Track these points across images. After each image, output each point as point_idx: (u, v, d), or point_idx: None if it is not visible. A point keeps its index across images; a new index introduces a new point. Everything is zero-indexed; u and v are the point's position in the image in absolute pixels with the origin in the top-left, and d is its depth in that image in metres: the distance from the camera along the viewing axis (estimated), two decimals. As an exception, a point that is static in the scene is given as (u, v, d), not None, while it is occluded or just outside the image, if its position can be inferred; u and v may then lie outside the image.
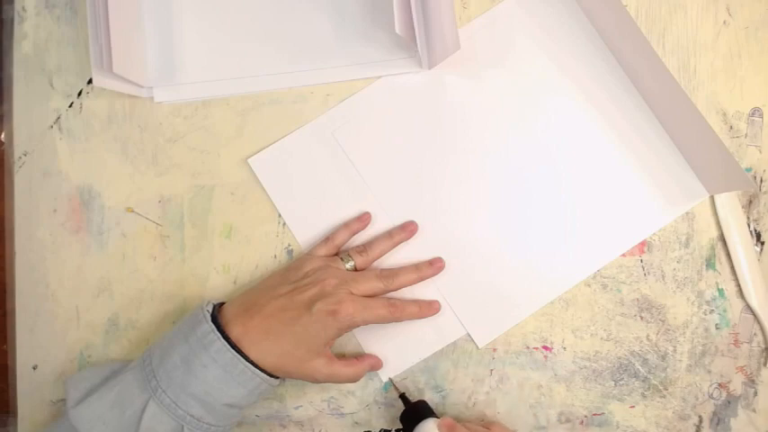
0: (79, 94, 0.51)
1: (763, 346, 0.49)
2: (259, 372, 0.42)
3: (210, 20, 0.51)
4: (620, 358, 0.49)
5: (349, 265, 0.47)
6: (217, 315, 0.44)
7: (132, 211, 0.50)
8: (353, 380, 0.46)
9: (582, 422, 0.49)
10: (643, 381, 0.49)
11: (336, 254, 0.48)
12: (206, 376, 0.41)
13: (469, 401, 0.49)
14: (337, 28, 0.50)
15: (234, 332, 0.42)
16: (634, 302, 0.49)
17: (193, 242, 0.50)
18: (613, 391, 0.49)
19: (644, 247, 0.49)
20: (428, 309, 0.47)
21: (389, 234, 0.48)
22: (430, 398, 0.49)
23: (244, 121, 0.50)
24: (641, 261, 0.49)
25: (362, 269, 0.48)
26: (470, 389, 0.49)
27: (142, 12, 0.51)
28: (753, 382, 0.49)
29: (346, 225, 0.48)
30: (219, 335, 0.42)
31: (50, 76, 0.51)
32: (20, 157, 0.51)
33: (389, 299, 0.47)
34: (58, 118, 0.51)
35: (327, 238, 0.48)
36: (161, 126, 0.51)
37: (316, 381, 0.45)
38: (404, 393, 0.48)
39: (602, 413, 0.49)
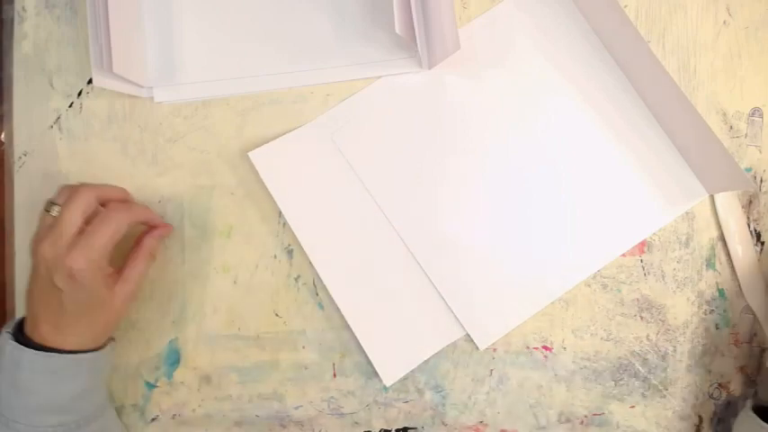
0: (79, 94, 0.51)
1: (764, 346, 0.49)
2: (79, 355, 0.42)
3: (210, 20, 0.51)
4: (620, 358, 0.49)
5: (54, 212, 0.42)
6: (20, 332, 0.43)
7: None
8: (150, 266, 0.46)
9: (582, 422, 0.49)
10: (643, 381, 0.49)
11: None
12: (37, 388, 0.41)
13: (469, 401, 0.49)
14: (337, 28, 0.50)
15: (40, 336, 0.42)
16: (634, 302, 0.49)
17: (193, 242, 0.50)
18: (613, 391, 0.49)
19: (644, 247, 0.49)
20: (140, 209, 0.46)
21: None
22: (430, 398, 0.49)
23: (244, 121, 0.50)
24: (641, 261, 0.49)
25: None
26: (470, 389, 0.49)
27: (142, 12, 0.51)
28: (753, 382, 0.49)
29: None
30: (22, 346, 0.41)
31: (50, 76, 0.51)
32: (20, 157, 0.51)
33: (103, 212, 0.43)
34: (58, 118, 0.51)
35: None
36: (161, 126, 0.51)
37: (129, 304, 0.44)
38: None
39: (602, 413, 0.49)
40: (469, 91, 0.49)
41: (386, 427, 0.50)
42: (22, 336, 0.42)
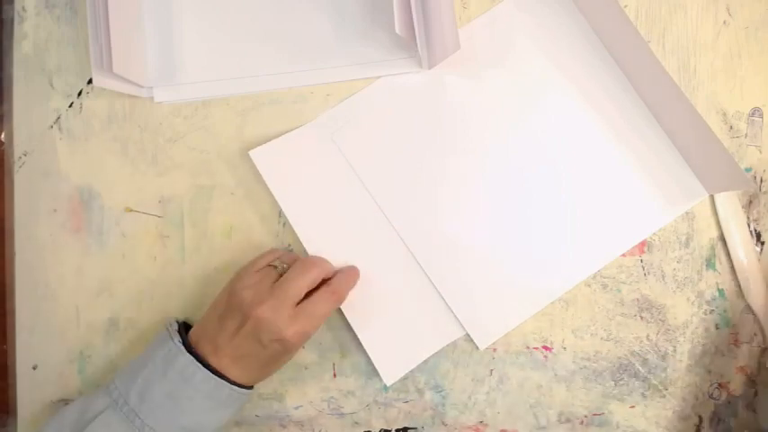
0: (79, 94, 0.51)
1: (764, 346, 0.49)
2: (244, 390, 0.43)
3: (210, 20, 0.51)
4: (620, 358, 0.49)
5: (279, 269, 0.46)
6: (188, 342, 0.43)
7: (132, 211, 0.50)
8: (334, 308, 0.46)
9: (582, 422, 0.49)
10: (643, 381, 0.49)
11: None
12: (193, 408, 0.41)
13: (469, 401, 0.49)
14: (337, 28, 0.50)
15: (212, 360, 0.43)
16: (634, 302, 0.49)
17: (193, 242, 0.50)
18: (613, 391, 0.49)
19: (644, 247, 0.49)
20: (353, 271, 0.47)
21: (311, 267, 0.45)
22: (430, 398, 0.49)
23: (244, 121, 0.50)
24: (641, 261, 0.49)
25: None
26: (470, 389, 0.49)
27: (142, 12, 0.51)
28: (753, 382, 0.49)
29: (292, 254, 0.48)
30: (200, 365, 0.41)
31: (50, 76, 0.51)
32: (20, 157, 0.51)
33: (325, 286, 0.45)
34: (58, 118, 0.51)
35: (270, 251, 0.48)
36: (161, 126, 0.51)
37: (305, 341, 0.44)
38: None
39: (602, 413, 0.49)
40: (469, 91, 0.49)
41: (386, 427, 0.50)
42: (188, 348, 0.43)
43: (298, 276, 0.44)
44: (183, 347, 0.42)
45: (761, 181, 0.49)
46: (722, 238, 0.49)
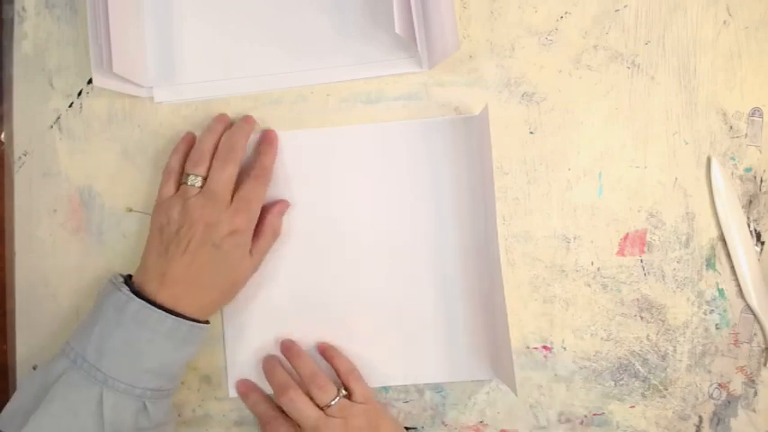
0: (79, 94, 0.51)
1: (763, 346, 0.49)
2: (201, 324, 0.44)
3: (210, 20, 0.51)
4: (620, 358, 0.49)
5: (197, 183, 0.45)
6: (136, 291, 0.43)
7: (132, 211, 0.50)
8: (274, 241, 0.48)
9: (582, 422, 0.49)
10: (643, 381, 0.49)
11: (179, 183, 0.47)
12: (154, 350, 0.42)
13: (469, 401, 0.49)
14: (337, 28, 0.50)
15: (165, 301, 0.43)
16: (634, 302, 0.49)
17: (193, 242, 0.50)
18: (613, 391, 0.49)
19: (644, 247, 0.49)
20: (270, 144, 0.49)
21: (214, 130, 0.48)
22: (430, 398, 0.49)
23: (244, 121, 0.50)
24: (641, 261, 0.49)
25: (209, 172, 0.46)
26: (470, 389, 0.49)
27: (142, 12, 0.51)
28: (753, 382, 0.49)
29: (175, 150, 0.48)
30: (153, 307, 0.42)
31: (50, 76, 0.51)
32: (20, 157, 0.51)
33: (251, 171, 0.47)
34: (58, 118, 0.51)
35: (165, 173, 0.47)
36: (161, 126, 0.51)
37: (249, 278, 0.47)
38: None
39: (602, 413, 0.49)
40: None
41: (386, 427, 0.50)
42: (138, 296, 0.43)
43: (219, 171, 0.45)
44: (132, 294, 0.42)
45: (761, 181, 0.49)
46: (722, 238, 0.49)
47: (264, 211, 0.47)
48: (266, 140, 0.49)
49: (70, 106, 0.51)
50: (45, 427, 0.40)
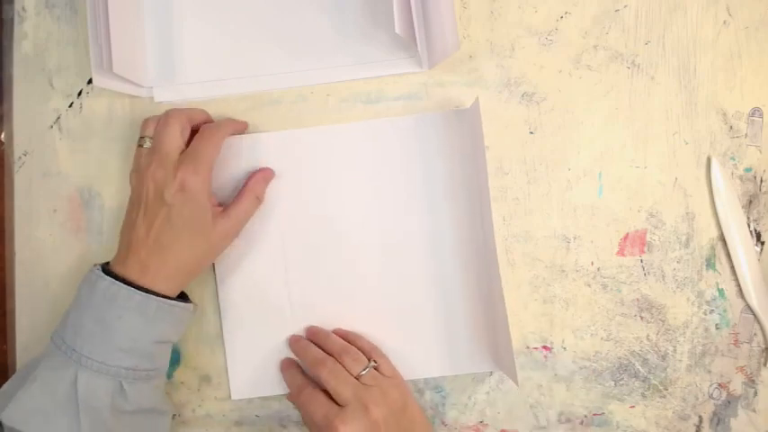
0: (79, 94, 0.51)
1: (763, 346, 0.49)
2: (173, 302, 0.43)
3: (210, 20, 0.51)
4: (620, 358, 0.49)
5: (146, 144, 0.45)
6: (109, 271, 0.43)
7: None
8: (256, 207, 0.47)
9: (582, 422, 0.49)
10: (643, 381, 0.49)
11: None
12: (123, 327, 0.41)
13: (469, 401, 0.49)
14: (337, 28, 0.50)
15: (132, 275, 0.43)
16: (634, 302, 0.49)
17: (193, 242, 0.50)
18: (613, 391, 0.49)
19: (644, 247, 0.49)
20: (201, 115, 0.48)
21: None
22: (430, 398, 0.49)
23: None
24: (641, 261, 0.49)
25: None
26: (470, 389, 0.49)
27: (142, 12, 0.51)
28: (753, 382, 0.49)
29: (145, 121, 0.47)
30: (121, 284, 0.42)
31: (50, 76, 0.51)
32: (20, 157, 0.51)
33: (203, 130, 0.46)
34: (58, 118, 0.51)
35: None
36: (161, 126, 0.51)
37: (228, 242, 0.46)
38: None
39: (602, 413, 0.49)
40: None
41: (386, 427, 0.50)
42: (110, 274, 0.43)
43: (162, 126, 0.44)
44: (101, 273, 0.42)
45: (761, 181, 0.49)
46: (722, 238, 0.49)
47: (249, 177, 0.48)
48: (204, 122, 0.48)
49: (70, 106, 0.51)
50: (24, 406, 0.41)
